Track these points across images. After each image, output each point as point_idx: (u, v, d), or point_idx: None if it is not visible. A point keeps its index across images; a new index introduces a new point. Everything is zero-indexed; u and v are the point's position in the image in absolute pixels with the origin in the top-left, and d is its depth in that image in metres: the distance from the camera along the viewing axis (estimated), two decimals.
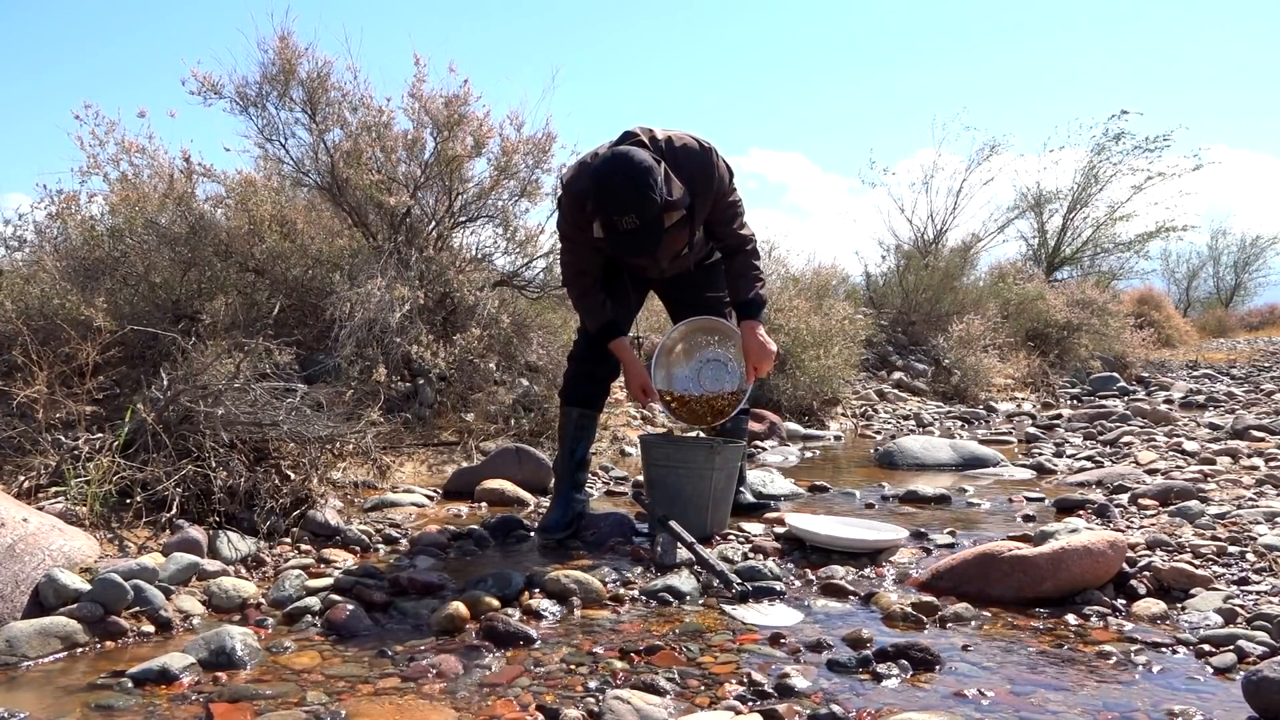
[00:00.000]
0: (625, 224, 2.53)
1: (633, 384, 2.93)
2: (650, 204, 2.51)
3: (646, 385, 2.92)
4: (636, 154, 2.53)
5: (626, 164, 2.51)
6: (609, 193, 2.52)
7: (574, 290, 2.92)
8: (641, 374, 2.93)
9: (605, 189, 2.52)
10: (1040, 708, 1.69)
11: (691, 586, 2.38)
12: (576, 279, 2.88)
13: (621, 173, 2.50)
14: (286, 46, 4.44)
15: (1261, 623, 2.04)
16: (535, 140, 4.78)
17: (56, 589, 2.05)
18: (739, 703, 1.69)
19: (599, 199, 2.55)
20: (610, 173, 2.52)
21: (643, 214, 2.52)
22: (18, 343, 3.00)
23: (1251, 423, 5.40)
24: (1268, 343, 18.02)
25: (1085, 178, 15.97)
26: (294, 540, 2.72)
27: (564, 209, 2.78)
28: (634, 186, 2.49)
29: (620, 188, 2.50)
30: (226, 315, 3.85)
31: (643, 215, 2.52)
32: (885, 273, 11.03)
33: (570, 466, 2.99)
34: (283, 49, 4.43)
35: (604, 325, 2.87)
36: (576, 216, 2.71)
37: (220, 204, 4.54)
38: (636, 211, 2.51)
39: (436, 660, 1.87)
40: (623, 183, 2.50)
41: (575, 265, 2.87)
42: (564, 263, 2.92)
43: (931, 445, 4.94)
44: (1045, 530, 2.82)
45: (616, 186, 2.50)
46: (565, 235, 2.84)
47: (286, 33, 4.45)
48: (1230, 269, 30.63)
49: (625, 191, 2.49)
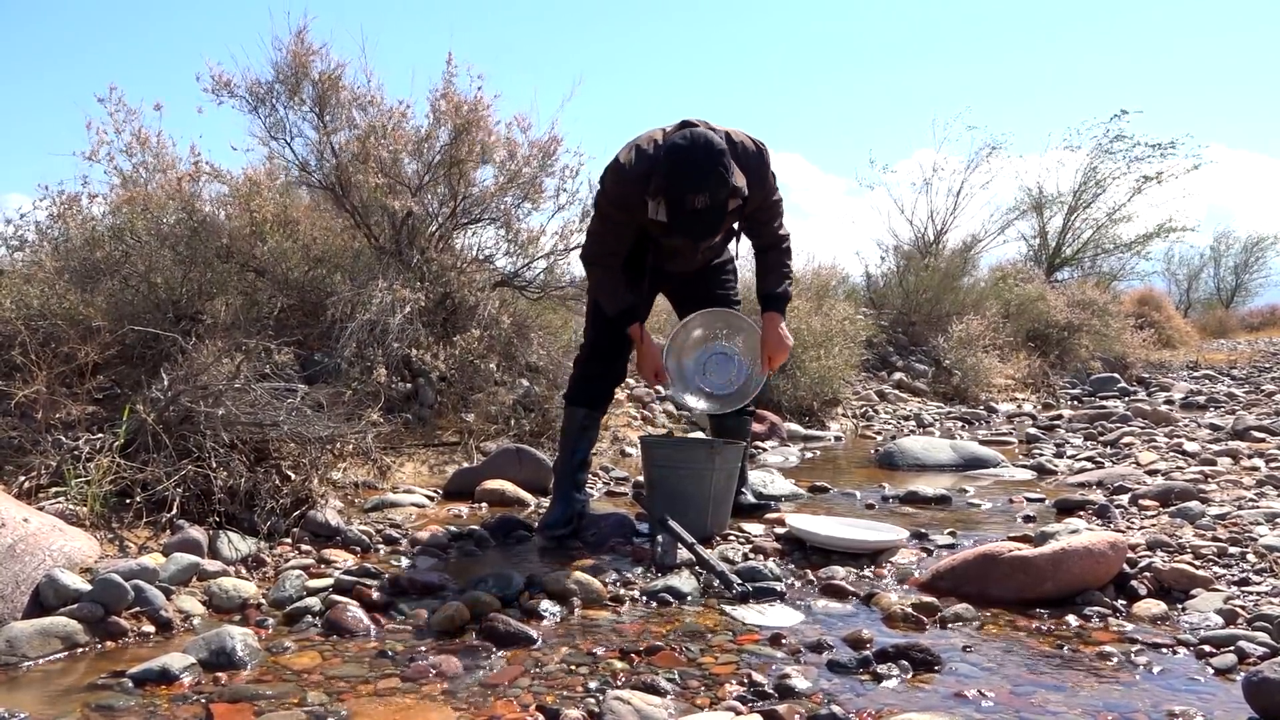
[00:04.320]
0: (697, 203, 2.60)
1: (646, 366, 2.95)
2: (723, 185, 2.60)
3: (659, 369, 2.95)
4: (713, 137, 2.61)
5: (706, 144, 2.59)
6: (688, 170, 2.58)
7: (598, 269, 2.93)
8: (656, 358, 2.96)
9: (685, 166, 2.58)
10: (1041, 708, 1.69)
11: (692, 587, 2.38)
12: (604, 258, 2.90)
13: (702, 151, 2.58)
14: (301, 43, 4.43)
15: (1262, 623, 2.04)
16: (541, 144, 4.78)
17: (57, 589, 2.05)
18: (739, 703, 1.69)
19: (675, 176, 2.60)
20: (691, 150, 2.58)
21: (715, 194, 2.60)
22: (17, 343, 2.99)
23: (1252, 423, 5.40)
24: (1268, 343, 18.00)
25: (1086, 179, 15.98)
26: (294, 540, 2.72)
27: (616, 188, 2.79)
28: (711, 167, 2.57)
29: (700, 166, 2.57)
30: (227, 315, 3.85)
31: (715, 196, 2.60)
32: (885, 273, 11.01)
33: (571, 466, 3.01)
34: (297, 47, 4.43)
35: (625, 309, 2.90)
36: (630, 198, 2.74)
37: (223, 204, 4.54)
38: (710, 191, 2.58)
39: (437, 660, 1.87)
40: (703, 160, 2.57)
41: (608, 245, 2.89)
42: (596, 239, 2.94)
43: (932, 446, 4.93)
44: (1046, 531, 2.82)
45: (697, 164, 2.57)
46: (606, 215, 2.86)
47: (303, 29, 4.45)
48: (1231, 270, 30.63)
49: (704, 171, 2.57)
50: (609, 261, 2.90)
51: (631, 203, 2.74)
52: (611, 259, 2.90)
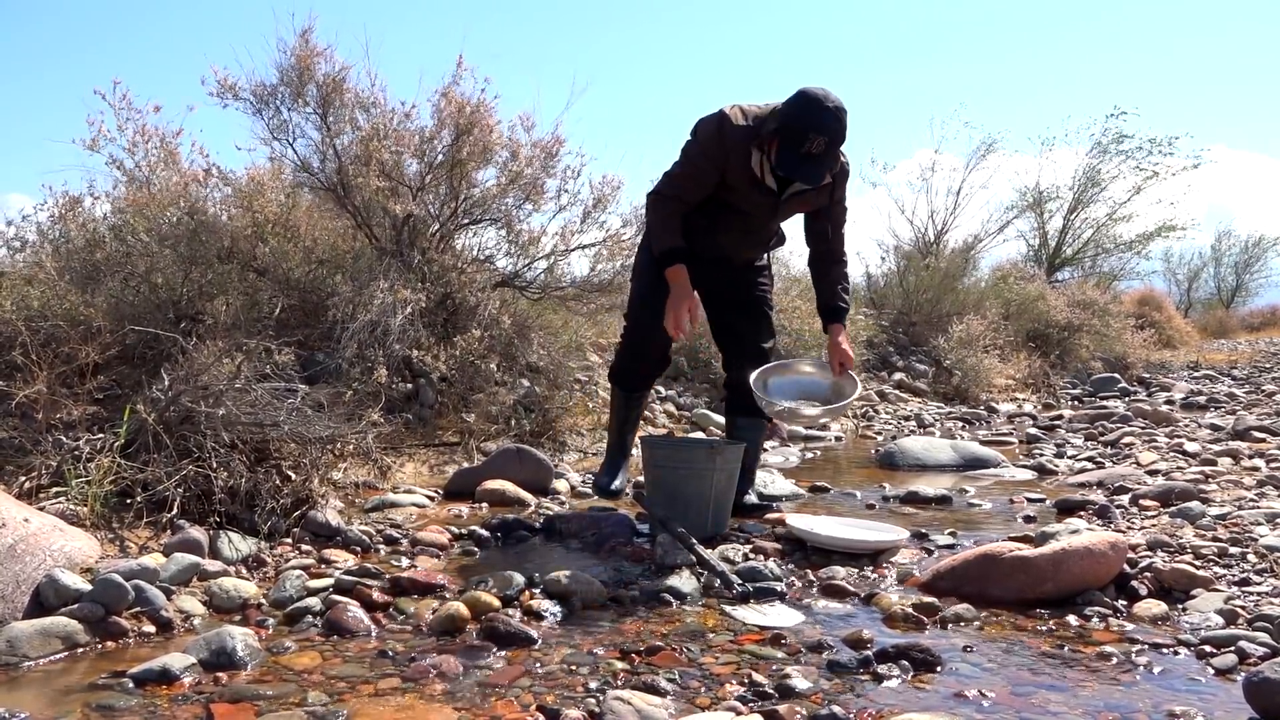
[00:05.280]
0: (815, 147, 2.71)
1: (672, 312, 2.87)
2: (842, 135, 2.76)
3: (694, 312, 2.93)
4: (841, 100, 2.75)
5: (839, 99, 2.74)
6: (822, 111, 2.70)
7: (663, 207, 2.97)
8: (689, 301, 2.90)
9: (818, 106, 2.70)
10: (1041, 709, 1.69)
11: (692, 587, 2.38)
12: (672, 201, 2.95)
13: (836, 102, 2.72)
14: (306, 45, 4.43)
15: (1262, 624, 2.04)
16: (543, 144, 4.78)
17: (57, 589, 2.05)
18: (739, 703, 1.69)
19: (805, 113, 2.71)
20: (824, 97, 2.72)
21: (833, 142, 2.74)
22: (18, 343, 3.00)
23: (1252, 423, 5.40)
24: (1269, 343, 18.00)
25: (1085, 178, 15.98)
26: (295, 541, 2.72)
27: (714, 136, 2.86)
28: (840, 115, 2.73)
29: (834, 113, 2.71)
30: (228, 316, 3.85)
31: (832, 143, 2.74)
32: (886, 273, 11.01)
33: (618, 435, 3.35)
34: (302, 49, 4.43)
35: (672, 248, 2.91)
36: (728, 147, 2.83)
37: (226, 205, 4.54)
38: (830, 137, 2.71)
39: (437, 661, 1.87)
40: (835, 109, 2.71)
41: (682, 188, 2.95)
42: (672, 180, 2.98)
43: (932, 446, 4.93)
44: (1046, 531, 2.82)
45: (831, 109, 2.70)
46: (693, 159, 2.93)
47: (307, 29, 4.45)
48: (1231, 270, 30.62)
49: (834, 116, 2.71)
50: (674, 206, 2.96)
51: (726, 151, 2.84)
52: (678, 203, 2.95)
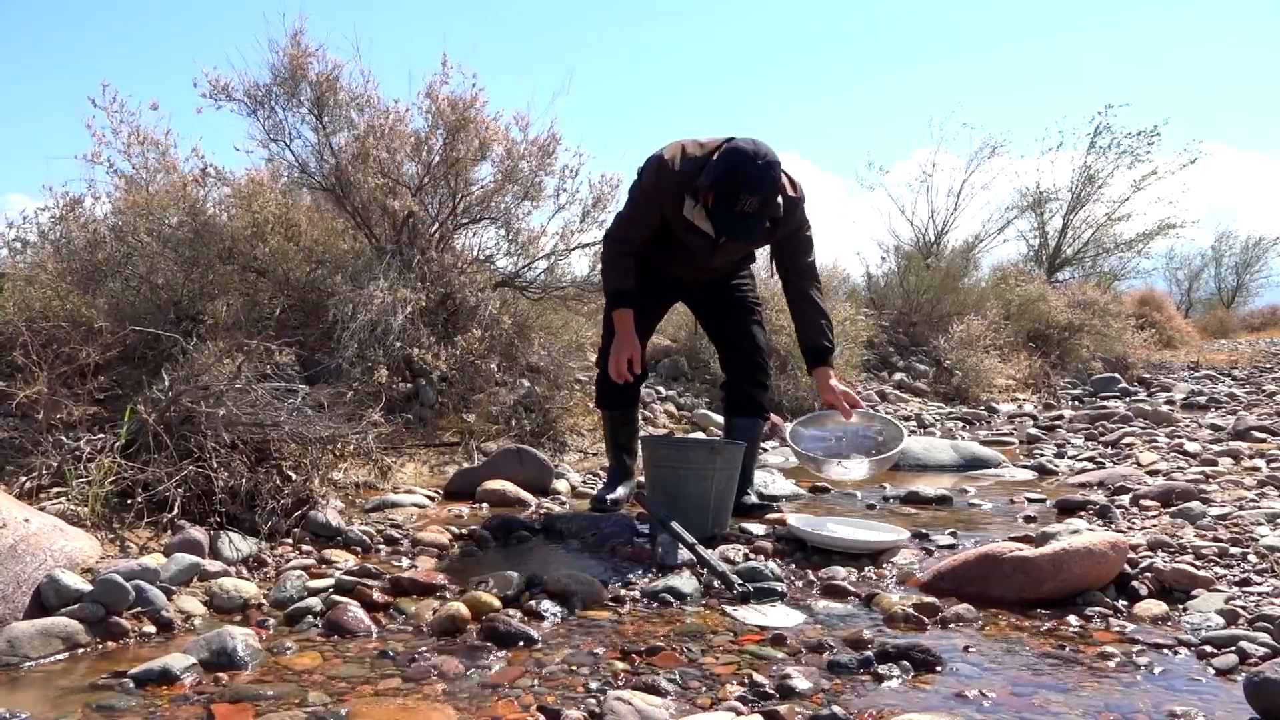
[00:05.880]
0: (748, 205, 2.69)
1: (619, 357, 2.96)
2: (775, 193, 2.73)
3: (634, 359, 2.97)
4: (771, 149, 2.72)
5: (768, 152, 2.70)
6: (749, 171, 2.67)
7: (614, 247, 3.03)
8: (634, 349, 2.97)
9: (746, 167, 2.67)
10: (1041, 709, 1.69)
11: (692, 587, 2.38)
12: (623, 243, 3.01)
13: (764, 158, 2.68)
14: (298, 46, 4.44)
15: (1263, 624, 2.04)
16: (540, 142, 4.79)
17: (58, 589, 2.05)
18: (740, 704, 1.69)
19: (735, 175, 2.67)
20: (754, 155, 2.67)
21: (765, 201, 2.71)
22: (19, 344, 3.00)
23: (1253, 424, 5.40)
24: (1269, 344, 17.98)
25: (1082, 177, 15.98)
26: (295, 541, 2.72)
27: (654, 181, 2.88)
28: (769, 173, 2.68)
29: (759, 170, 2.67)
30: (228, 316, 3.85)
31: (765, 202, 2.71)
32: (886, 273, 11.02)
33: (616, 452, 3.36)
34: (294, 50, 4.43)
35: (621, 289, 2.97)
36: (666, 192, 2.84)
37: (225, 206, 4.54)
38: (762, 197, 2.69)
39: (438, 661, 1.87)
40: (763, 166, 2.67)
41: (630, 231, 3.00)
42: (621, 222, 3.04)
43: (933, 446, 4.93)
44: (1047, 531, 2.81)
45: (757, 168, 2.67)
46: (638, 203, 2.97)
47: (298, 31, 4.45)
48: (1232, 270, 30.63)
49: (762, 175, 2.67)
50: (624, 246, 3.01)
51: (666, 196, 2.85)
52: (627, 244, 3.00)
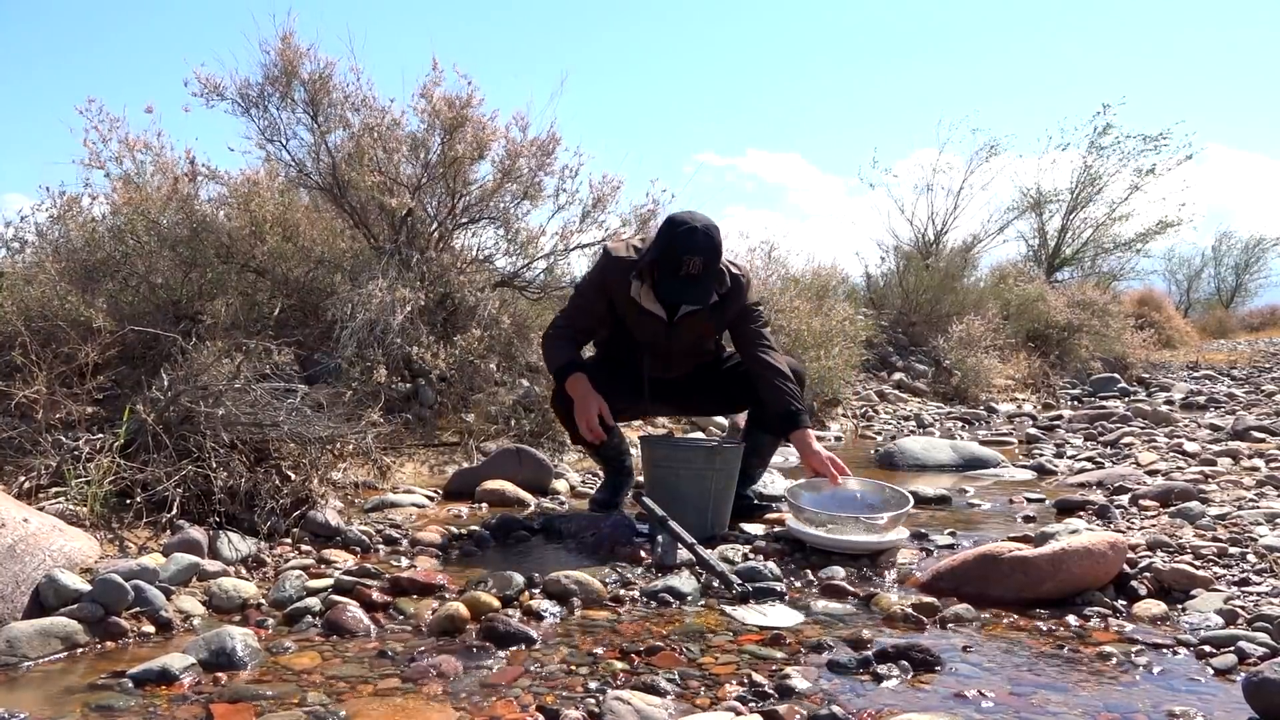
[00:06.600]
0: (692, 267, 2.80)
1: (588, 416, 2.92)
2: (717, 255, 2.85)
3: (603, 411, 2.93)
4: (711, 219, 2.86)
5: (707, 219, 2.85)
6: (690, 233, 2.80)
7: (551, 332, 3.11)
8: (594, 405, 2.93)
9: (689, 229, 2.80)
10: (1041, 709, 1.69)
11: (692, 587, 2.38)
12: (562, 329, 3.09)
13: (701, 221, 2.83)
14: (288, 47, 4.44)
15: (1262, 624, 2.04)
16: (539, 142, 4.79)
17: (57, 589, 2.05)
18: (739, 703, 1.69)
19: (673, 239, 2.80)
20: (690, 218, 2.84)
21: (709, 262, 2.82)
22: (18, 343, 2.99)
23: (1252, 424, 5.40)
24: (1268, 344, 18.01)
25: (1082, 177, 16.00)
26: (294, 541, 2.72)
27: (599, 269, 3.04)
28: (712, 235, 2.83)
29: (703, 233, 2.80)
30: (227, 316, 3.85)
31: (709, 264, 2.82)
32: (885, 274, 11.01)
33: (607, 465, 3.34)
34: (284, 50, 4.43)
35: (563, 363, 3.02)
36: (610, 277, 2.97)
37: (222, 205, 4.54)
38: (705, 258, 2.80)
39: (437, 661, 1.87)
40: (705, 228, 2.81)
41: (573, 320, 3.09)
42: (563, 315, 3.13)
43: (932, 446, 4.93)
44: (1046, 531, 2.81)
45: (701, 230, 2.80)
46: (583, 292, 3.10)
47: (288, 33, 4.45)
48: (1231, 270, 30.66)
49: (704, 237, 2.80)
50: (563, 331, 3.08)
51: (610, 283, 2.97)
52: (567, 329, 3.08)
